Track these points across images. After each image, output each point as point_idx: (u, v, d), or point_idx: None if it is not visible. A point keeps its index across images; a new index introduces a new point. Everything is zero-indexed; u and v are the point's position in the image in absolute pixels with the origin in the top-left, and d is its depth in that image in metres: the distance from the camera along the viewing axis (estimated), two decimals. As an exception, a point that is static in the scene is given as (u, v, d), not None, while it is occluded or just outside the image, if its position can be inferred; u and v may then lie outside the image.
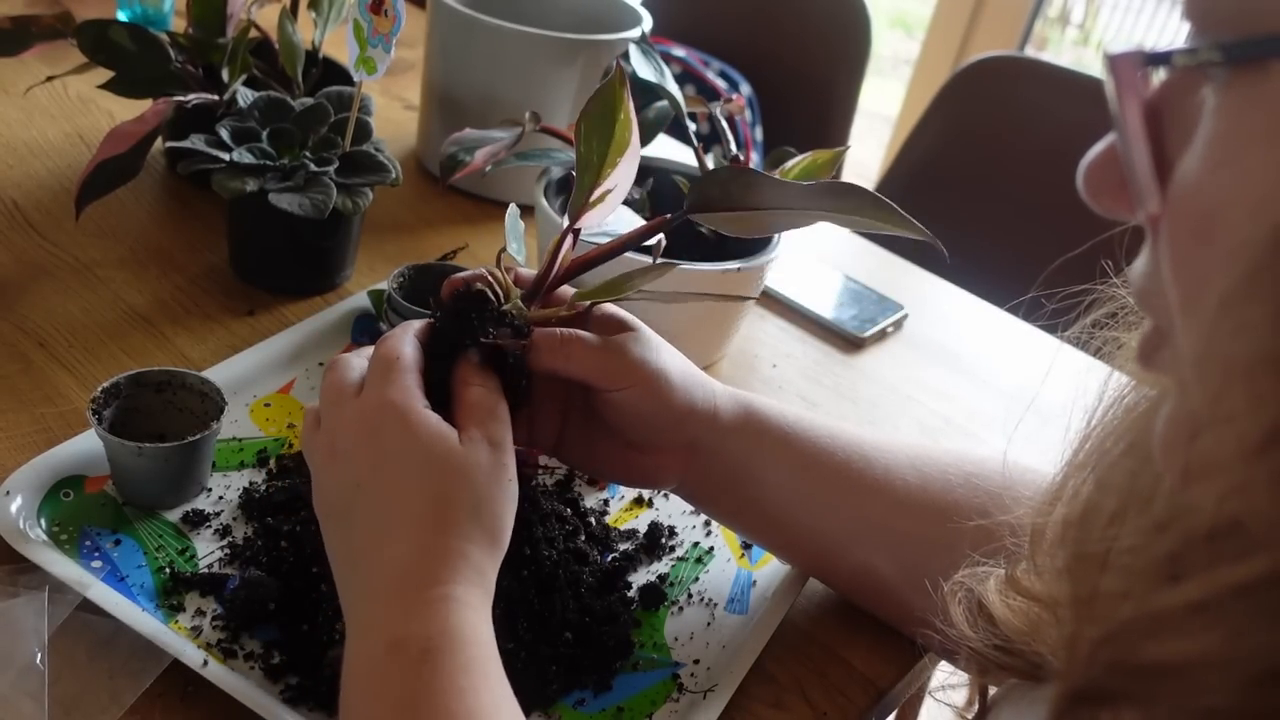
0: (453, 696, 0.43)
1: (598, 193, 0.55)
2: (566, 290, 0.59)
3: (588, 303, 0.57)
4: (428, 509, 0.48)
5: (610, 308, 0.59)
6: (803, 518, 0.60)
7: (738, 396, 0.60)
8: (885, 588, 0.61)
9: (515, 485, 0.51)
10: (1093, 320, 0.45)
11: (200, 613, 0.57)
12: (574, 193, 0.56)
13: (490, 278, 0.56)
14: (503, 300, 0.55)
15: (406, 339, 0.53)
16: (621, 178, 0.56)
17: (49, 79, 0.86)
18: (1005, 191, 1.39)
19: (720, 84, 1.64)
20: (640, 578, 0.65)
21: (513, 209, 0.62)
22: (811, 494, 0.59)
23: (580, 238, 0.58)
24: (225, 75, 0.84)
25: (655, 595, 0.63)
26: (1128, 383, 0.41)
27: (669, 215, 0.59)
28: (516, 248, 0.59)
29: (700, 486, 0.61)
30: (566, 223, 0.57)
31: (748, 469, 0.59)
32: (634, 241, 0.59)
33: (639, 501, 0.71)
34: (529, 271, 0.59)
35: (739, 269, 0.78)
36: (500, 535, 0.50)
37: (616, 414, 0.57)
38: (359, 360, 0.54)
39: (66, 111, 1.03)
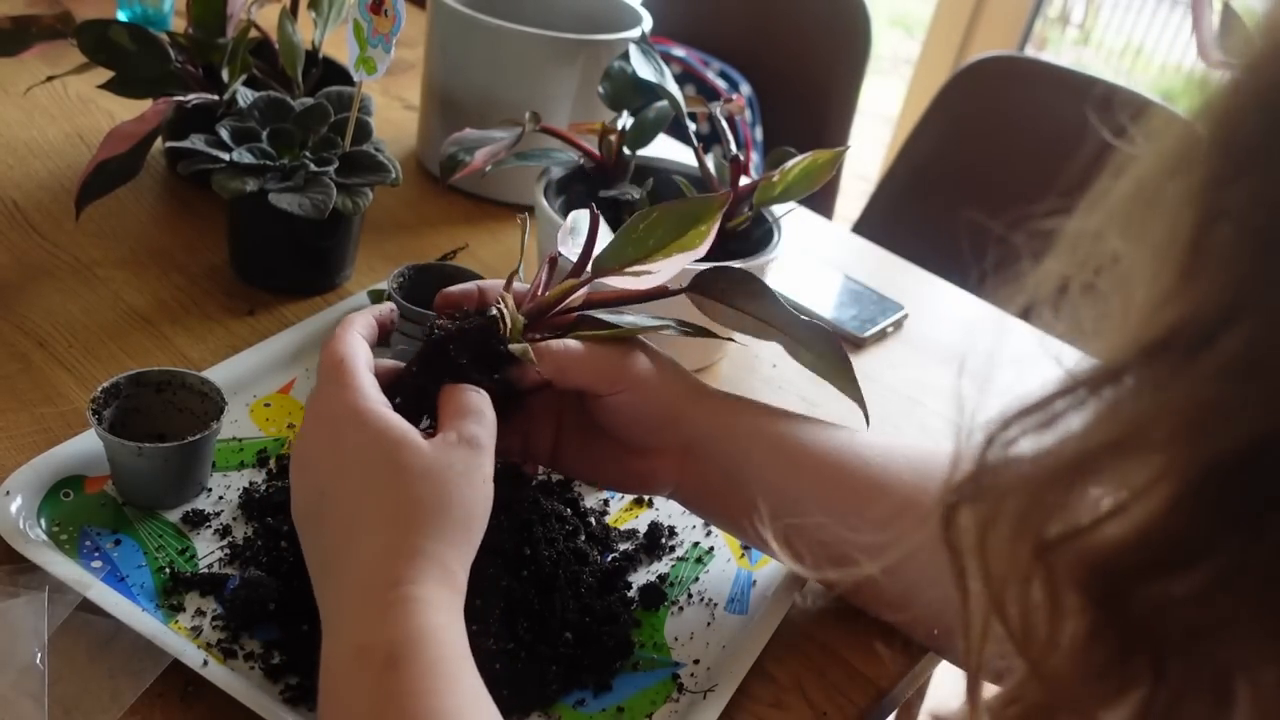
0: (419, 700, 0.43)
1: (635, 269, 0.57)
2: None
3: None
4: (391, 509, 0.47)
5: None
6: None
7: (734, 399, 0.60)
8: (880, 592, 0.61)
9: (490, 487, 0.51)
10: None
11: (200, 613, 0.57)
12: (608, 248, 0.57)
13: (499, 303, 0.57)
14: (506, 335, 0.56)
15: (350, 339, 0.53)
16: (666, 269, 0.57)
17: (49, 79, 0.86)
18: (1005, 191, 1.39)
19: (720, 84, 1.64)
20: (640, 578, 0.65)
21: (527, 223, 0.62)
22: (806, 497, 0.59)
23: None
24: (225, 75, 0.84)
25: (655, 595, 0.63)
26: None
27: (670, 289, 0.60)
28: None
29: (695, 490, 0.61)
30: (582, 263, 0.58)
31: (742, 471, 0.59)
32: (646, 298, 0.59)
33: (639, 501, 0.71)
34: (521, 287, 0.59)
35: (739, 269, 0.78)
36: (472, 534, 0.49)
37: (611, 417, 0.57)
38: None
39: (66, 111, 1.03)
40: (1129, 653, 0.28)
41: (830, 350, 0.59)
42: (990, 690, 0.33)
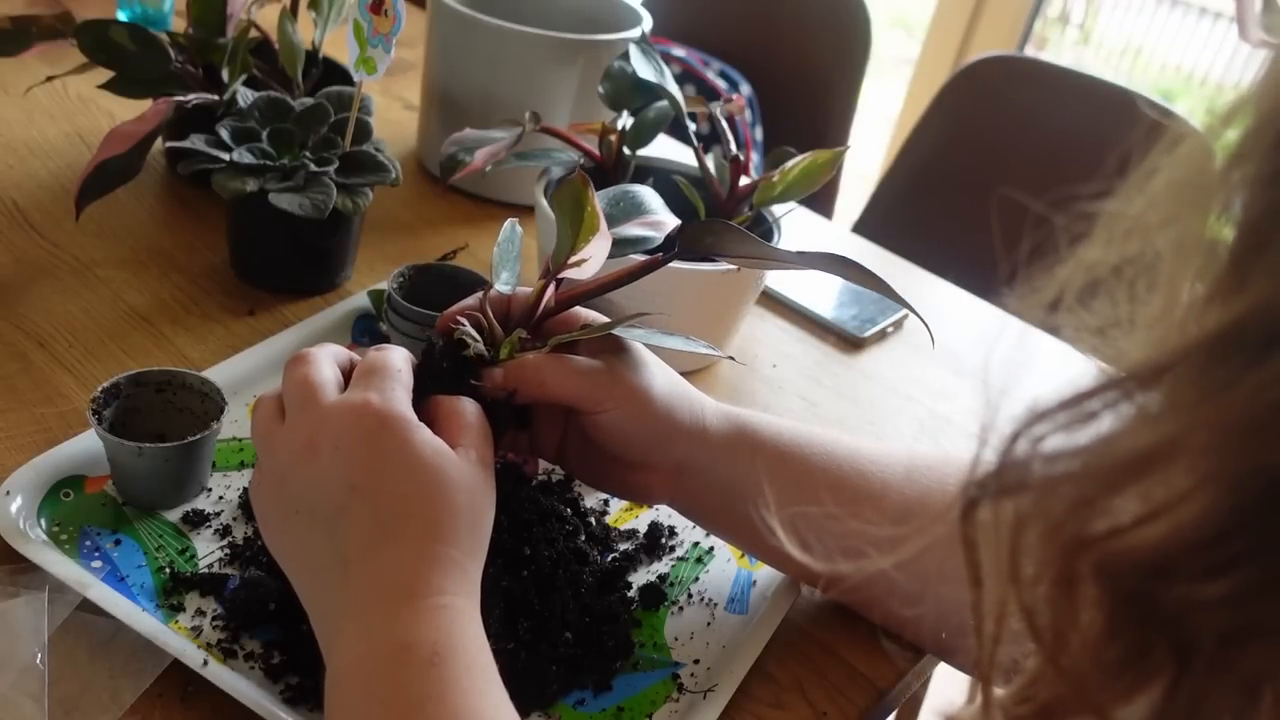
0: (459, 696, 0.44)
1: (574, 259, 0.58)
2: (577, 312, 0.59)
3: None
4: (431, 518, 0.48)
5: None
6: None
7: (730, 414, 0.60)
8: (893, 587, 0.60)
9: (494, 501, 0.52)
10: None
11: (200, 613, 0.57)
12: (555, 249, 0.58)
13: (476, 321, 0.56)
14: (484, 351, 0.56)
15: (402, 356, 0.54)
16: (594, 251, 0.58)
17: (49, 79, 0.86)
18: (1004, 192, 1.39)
19: (720, 84, 1.64)
20: (640, 578, 0.65)
21: (511, 229, 0.61)
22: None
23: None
24: (225, 75, 0.84)
25: (655, 595, 0.63)
26: None
27: (659, 255, 0.59)
28: (507, 277, 0.59)
29: (692, 504, 0.61)
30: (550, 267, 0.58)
31: (740, 488, 0.59)
32: (623, 280, 0.59)
33: (639, 501, 0.71)
34: (525, 290, 0.59)
35: (738, 269, 0.78)
36: (484, 549, 0.51)
37: (599, 434, 0.57)
38: (327, 357, 0.54)
39: (66, 111, 1.03)
40: (1147, 649, 0.27)
41: (840, 266, 0.58)
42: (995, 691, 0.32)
